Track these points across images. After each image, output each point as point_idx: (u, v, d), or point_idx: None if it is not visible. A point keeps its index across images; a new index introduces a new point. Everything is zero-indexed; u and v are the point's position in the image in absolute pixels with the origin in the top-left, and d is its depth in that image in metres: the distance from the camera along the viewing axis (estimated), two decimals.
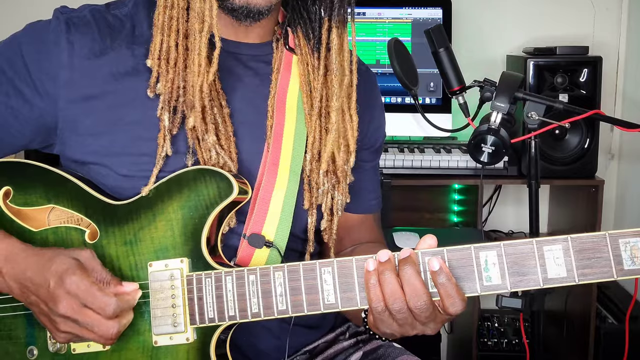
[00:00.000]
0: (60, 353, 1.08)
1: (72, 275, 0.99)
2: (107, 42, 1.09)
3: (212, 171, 1.06)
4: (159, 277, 1.04)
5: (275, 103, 1.16)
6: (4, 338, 1.11)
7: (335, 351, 1.26)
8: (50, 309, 1.00)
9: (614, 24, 2.59)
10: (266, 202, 1.12)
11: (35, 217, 1.11)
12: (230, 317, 1.01)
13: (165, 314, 1.04)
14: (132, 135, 1.09)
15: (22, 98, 1.08)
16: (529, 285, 0.92)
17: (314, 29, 1.18)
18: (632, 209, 2.55)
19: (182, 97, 1.08)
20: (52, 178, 1.10)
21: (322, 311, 0.98)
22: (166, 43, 1.07)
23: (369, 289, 0.94)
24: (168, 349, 1.04)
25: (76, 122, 1.09)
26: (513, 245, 0.93)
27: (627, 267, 0.89)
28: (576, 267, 0.91)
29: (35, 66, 1.08)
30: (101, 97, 1.09)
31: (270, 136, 1.15)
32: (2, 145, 1.14)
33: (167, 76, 1.07)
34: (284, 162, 1.14)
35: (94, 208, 1.08)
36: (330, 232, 1.21)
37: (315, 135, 1.16)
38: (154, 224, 1.06)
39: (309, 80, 1.17)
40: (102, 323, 0.99)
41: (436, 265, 0.92)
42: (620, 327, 2.21)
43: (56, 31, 1.08)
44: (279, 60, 1.19)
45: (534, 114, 1.50)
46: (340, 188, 1.19)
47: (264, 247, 1.11)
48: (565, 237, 0.91)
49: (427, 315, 0.94)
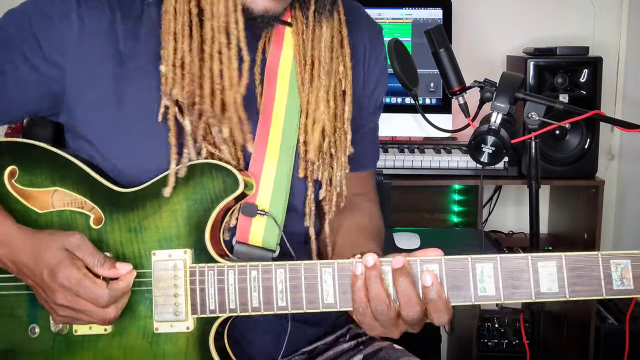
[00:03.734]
0: (61, 333, 1.10)
1: (64, 269, 1.01)
2: (117, 17, 1.10)
3: (218, 166, 1.07)
4: (162, 267, 1.07)
5: (266, 74, 1.16)
6: (5, 316, 1.12)
7: (335, 353, 1.26)
8: (48, 296, 1.03)
9: (614, 24, 2.59)
10: (257, 174, 1.13)
11: (39, 198, 1.12)
12: (231, 309, 1.04)
13: (167, 302, 1.06)
14: (134, 116, 1.10)
15: (30, 65, 1.09)
16: (522, 298, 0.97)
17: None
18: (632, 209, 2.55)
19: (198, 104, 1.08)
20: (58, 160, 1.12)
21: (321, 310, 1.01)
22: (180, 50, 1.08)
23: (354, 291, 0.98)
24: (168, 336, 1.07)
25: (81, 94, 1.10)
26: (509, 259, 0.97)
27: (617, 287, 0.95)
28: (568, 283, 0.96)
29: (45, 38, 1.08)
30: (106, 72, 1.09)
31: (261, 109, 1.15)
32: (9, 111, 1.15)
33: (184, 82, 1.07)
34: (274, 136, 1.15)
35: (98, 193, 1.10)
36: (330, 203, 1.21)
37: (309, 107, 1.16)
38: (159, 213, 1.08)
39: (303, 50, 1.17)
40: (98, 311, 1.02)
41: (428, 281, 0.95)
42: (621, 327, 2.21)
43: (66, 5, 1.08)
44: (270, 30, 1.17)
45: (534, 115, 1.50)
46: (339, 163, 1.20)
47: (257, 215, 1.12)
48: (560, 255, 0.96)
49: (417, 322, 0.98)
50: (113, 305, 1.02)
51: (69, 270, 1.01)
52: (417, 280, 0.97)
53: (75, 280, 1.00)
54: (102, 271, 1.03)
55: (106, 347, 1.08)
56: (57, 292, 1.01)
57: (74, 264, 1.02)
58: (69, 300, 1.01)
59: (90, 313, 1.02)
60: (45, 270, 1.02)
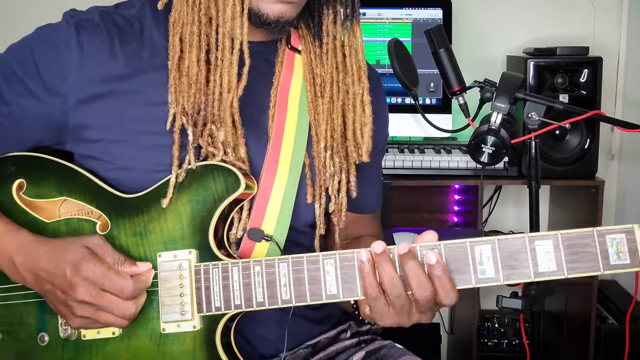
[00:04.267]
0: (70, 339, 1.11)
1: (87, 263, 1.02)
2: (116, 43, 1.12)
3: (219, 167, 1.09)
4: (168, 267, 1.08)
5: (278, 97, 1.19)
6: (15, 325, 1.14)
7: (337, 349, 1.27)
8: (68, 295, 1.03)
9: (614, 25, 2.59)
10: (265, 198, 1.15)
11: (47, 208, 1.14)
12: (236, 305, 1.05)
13: (173, 303, 1.07)
14: (136, 130, 1.12)
15: (33, 97, 1.11)
16: (522, 278, 0.98)
17: (313, 18, 1.21)
18: (632, 209, 2.55)
19: (204, 111, 1.11)
20: (64, 171, 1.14)
21: (325, 301, 1.02)
22: (187, 59, 1.10)
23: (364, 277, 0.99)
24: (175, 336, 1.08)
25: (85, 120, 1.12)
26: (506, 240, 0.98)
27: (613, 262, 0.95)
28: (565, 261, 0.96)
29: (46, 68, 1.10)
30: (109, 95, 1.11)
31: (272, 132, 1.17)
32: (14, 142, 1.16)
33: (190, 91, 1.10)
34: (284, 159, 1.17)
35: (104, 200, 1.12)
36: (339, 214, 1.22)
37: (320, 122, 1.19)
38: (164, 216, 1.10)
39: (312, 68, 1.20)
40: (120, 304, 1.03)
41: (433, 258, 0.96)
42: (621, 327, 2.20)
43: (66, 34, 1.11)
44: (282, 54, 1.22)
45: (534, 115, 1.50)
46: (351, 170, 1.21)
47: (262, 240, 1.14)
48: (556, 233, 0.97)
49: (430, 306, 0.99)
50: (134, 300, 1.04)
51: (93, 264, 1.02)
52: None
53: (100, 272, 1.02)
54: (123, 269, 1.05)
55: (114, 350, 1.09)
56: (80, 287, 1.02)
57: (97, 258, 1.04)
58: (92, 295, 1.02)
59: (112, 308, 1.03)
60: (68, 268, 1.03)
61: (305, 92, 1.21)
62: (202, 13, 1.10)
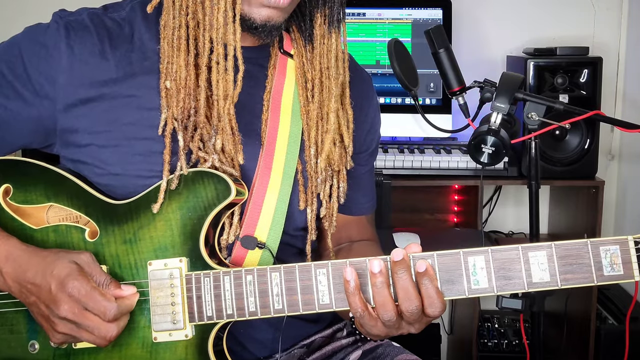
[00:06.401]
0: (61, 347, 1.09)
1: (74, 280, 1.00)
2: (106, 46, 1.11)
3: (210, 173, 1.08)
4: (159, 276, 1.06)
5: (271, 101, 1.18)
6: (5, 333, 1.12)
7: (334, 348, 1.27)
8: (51, 311, 1.02)
9: (614, 25, 2.58)
10: (259, 204, 1.14)
11: (34, 214, 1.12)
12: (228, 315, 1.04)
13: (165, 312, 1.06)
14: (127, 135, 1.11)
15: (21, 100, 1.10)
16: (515, 289, 0.98)
17: (305, 22, 1.20)
18: (632, 209, 2.54)
19: (194, 116, 1.09)
20: (51, 176, 1.12)
21: (317, 311, 1.01)
22: (176, 63, 1.09)
23: (349, 297, 0.98)
24: (167, 344, 1.07)
25: (74, 124, 1.10)
26: (500, 250, 0.98)
27: (607, 273, 0.96)
28: (559, 272, 0.96)
29: (35, 70, 1.09)
30: (99, 99, 1.10)
31: (265, 137, 1.16)
32: (1, 145, 1.15)
33: (179, 96, 1.08)
34: (277, 165, 1.16)
35: (93, 206, 1.10)
36: (330, 219, 1.22)
37: (311, 127, 1.18)
38: (153, 223, 1.08)
39: (304, 72, 1.20)
40: (102, 326, 1.01)
41: (422, 266, 0.96)
42: (621, 327, 2.20)
43: (56, 35, 1.09)
44: (275, 59, 1.21)
45: (534, 115, 1.50)
46: (341, 176, 1.21)
47: (256, 248, 1.13)
48: (550, 244, 0.97)
49: (416, 318, 0.98)
50: (116, 322, 1.02)
51: (80, 282, 1.01)
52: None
53: (85, 291, 1.00)
54: (108, 291, 1.03)
55: (106, 358, 1.08)
56: (63, 304, 1.00)
57: (84, 276, 1.02)
58: (74, 313, 1.00)
59: (92, 329, 1.01)
60: (54, 282, 1.01)
61: (297, 96, 1.20)
62: (189, 17, 1.08)
